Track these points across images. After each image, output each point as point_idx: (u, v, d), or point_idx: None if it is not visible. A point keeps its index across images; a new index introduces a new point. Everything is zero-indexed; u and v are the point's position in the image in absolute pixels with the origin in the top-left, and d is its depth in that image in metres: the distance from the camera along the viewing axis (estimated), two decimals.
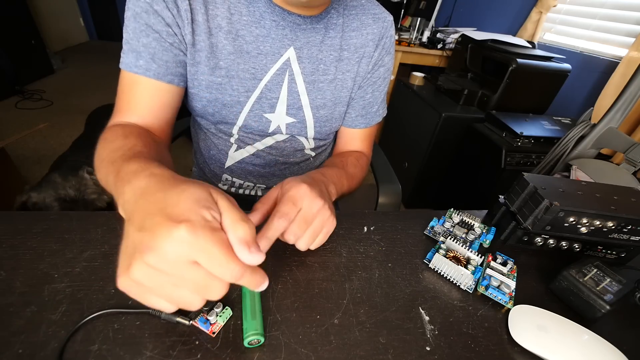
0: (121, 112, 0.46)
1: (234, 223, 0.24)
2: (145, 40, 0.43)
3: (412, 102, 1.72)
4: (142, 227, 0.22)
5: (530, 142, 1.30)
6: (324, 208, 0.36)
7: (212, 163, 0.62)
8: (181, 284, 0.23)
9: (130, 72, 0.44)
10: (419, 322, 0.33)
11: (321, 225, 0.36)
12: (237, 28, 0.47)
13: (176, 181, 0.26)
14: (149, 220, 0.23)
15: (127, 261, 0.22)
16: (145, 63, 0.44)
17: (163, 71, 0.45)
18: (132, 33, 0.43)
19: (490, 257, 0.41)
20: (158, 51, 0.44)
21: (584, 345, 0.32)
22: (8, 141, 1.36)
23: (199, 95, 0.50)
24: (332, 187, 0.44)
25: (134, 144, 0.37)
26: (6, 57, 2.40)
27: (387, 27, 0.56)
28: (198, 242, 0.22)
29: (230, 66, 0.48)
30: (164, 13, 0.42)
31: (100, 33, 4.17)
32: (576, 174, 0.87)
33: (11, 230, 0.37)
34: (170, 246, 0.21)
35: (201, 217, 0.23)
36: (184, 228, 0.21)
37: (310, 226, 0.35)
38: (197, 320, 0.29)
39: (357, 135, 0.62)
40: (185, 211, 0.23)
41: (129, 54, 0.44)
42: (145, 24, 0.42)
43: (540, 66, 1.43)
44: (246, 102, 0.51)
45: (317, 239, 0.37)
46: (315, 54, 0.52)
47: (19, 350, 0.26)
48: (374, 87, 0.59)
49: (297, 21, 0.49)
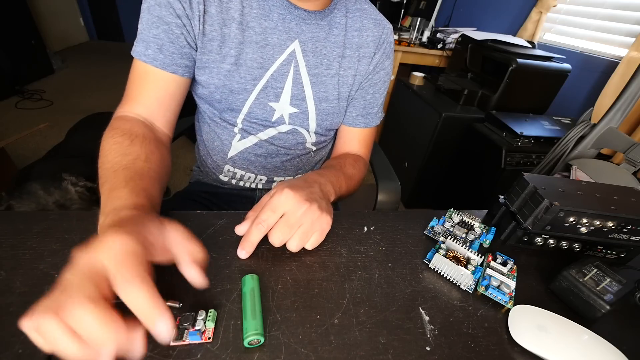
0: (130, 100, 0.48)
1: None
2: (155, 31, 0.46)
3: (412, 102, 1.72)
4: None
5: (530, 142, 1.30)
6: (310, 210, 0.38)
7: (215, 154, 0.63)
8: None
9: (140, 61, 0.47)
10: (419, 322, 0.33)
11: (311, 225, 0.38)
12: (247, 20, 0.50)
13: (126, 228, 0.26)
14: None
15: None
16: (152, 53, 0.46)
17: (169, 62, 0.47)
18: (145, 24, 0.46)
19: (490, 257, 0.41)
20: (166, 43, 0.47)
21: (584, 345, 0.32)
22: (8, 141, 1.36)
23: (208, 82, 0.52)
24: (329, 186, 0.46)
25: (137, 157, 0.40)
26: (6, 57, 2.41)
27: (388, 33, 0.60)
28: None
29: (239, 55, 0.51)
30: (175, 5, 0.45)
31: (100, 33, 4.17)
32: (576, 174, 0.87)
33: (11, 230, 0.37)
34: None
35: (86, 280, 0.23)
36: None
37: (299, 228, 0.37)
38: (187, 337, 0.28)
39: (356, 136, 0.64)
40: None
41: (140, 43, 0.47)
42: (157, 16, 0.46)
43: (540, 66, 1.43)
44: (252, 89, 0.53)
45: (312, 238, 0.38)
46: (319, 48, 0.54)
47: (19, 350, 0.26)
48: (375, 88, 0.61)
49: (302, 16, 0.51)
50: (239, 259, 0.37)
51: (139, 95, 0.48)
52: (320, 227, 0.39)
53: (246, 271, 0.35)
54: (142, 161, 0.39)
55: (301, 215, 0.37)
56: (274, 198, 0.38)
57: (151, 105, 0.49)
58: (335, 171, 0.52)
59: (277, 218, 0.37)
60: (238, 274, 0.35)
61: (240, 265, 0.36)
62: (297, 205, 0.37)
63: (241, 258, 0.37)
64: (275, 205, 0.37)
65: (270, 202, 0.37)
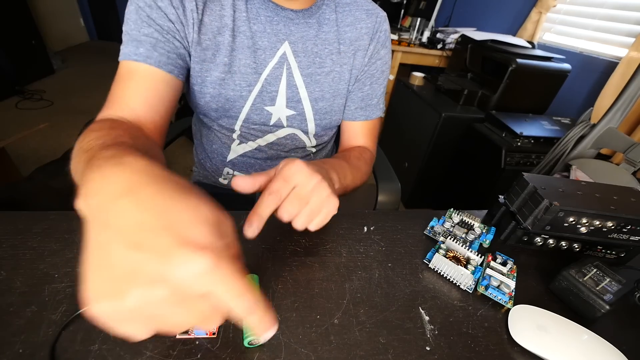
0: (113, 104, 0.43)
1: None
2: (147, 30, 0.43)
3: (412, 102, 1.72)
4: (140, 245, 0.17)
5: (530, 142, 1.30)
6: (321, 185, 0.34)
7: (214, 157, 0.63)
8: (184, 315, 0.19)
9: (129, 61, 0.43)
10: (419, 322, 0.33)
11: (319, 204, 0.34)
12: (238, 25, 0.49)
13: (180, 187, 0.21)
14: (151, 237, 0.17)
15: (116, 285, 0.17)
16: (145, 51, 0.43)
17: (165, 60, 0.44)
18: (134, 24, 0.43)
19: (490, 257, 0.41)
20: (159, 41, 0.44)
21: (584, 345, 0.32)
22: (8, 141, 1.36)
23: (203, 92, 0.51)
24: (333, 173, 0.42)
25: (119, 134, 0.33)
26: (6, 57, 2.40)
27: (381, 21, 0.58)
28: (220, 275, 0.18)
29: (232, 62, 0.50)
30: (168, 10, 0.43)
31: (100, 33, 4.17)
32: (576, 174, 0.87)
33: (11, 230, 0.37)
34: (189, 279, 0.17)
35: (223, 244, 0.19)
36: (208, 258, 0.17)
37: (308, 205, 0.33)
38: (192, 332, 0.29)
39: (359, 129, 0.63)
40: (206, 235, 0.19)
41: (128, 44, 0.43)
42: (148, 16, 0.43)
43: (540, 66, 1.43)
44: (248, 96, 0.53)
45: (316, 219, 0.34)
46: (310, 47, 0.53)
47: (19, 350, 0.26)
48: (372, 79, 0.60)
49: (289, 16, 0.51)
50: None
51: (124, 97, 0.43)
52: (327, 209, 0.35)
53: (246, 271, 0.35)
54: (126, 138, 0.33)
55: (312, 188, 0.34)
56: (285, 168, 0.34)
57: (137, 106, 0.43)
58: (340, 161, 0.49)
59: (289, 189, 0.33)
60: None
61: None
62: (309, 178, 0.34)
63: (248, 237, 0.30)
64: (287, 175, 0.33)
65: (282, 172, 0.33)
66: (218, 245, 0.19)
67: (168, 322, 0.19)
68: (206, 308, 0.19)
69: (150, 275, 0.17)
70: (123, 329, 0.18)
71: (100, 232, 0.18)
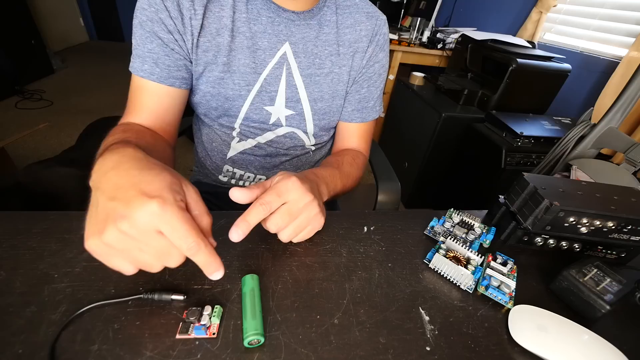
0: (129, 113, 0.50)
1: (201, 214, 0.29)
2: (150, 46, 0.47)
3: (412, 102, 1.72)
4: (114, 197, 0.26)
5: (530, 142, 1.30)
6: (312, 204, 0.37)
7: (214, 155, 0.63)
8: (145, 250, 0.26)
9: (137, 76, 0.48)
10: (419, 322, 0.33)
11: (307, 221, 0.37)
12: (237, 25, 0.49)
13: (150, 164, 0.29)
14: (122, 192, 0.26)
15: (99, 225, 0.26)
16: (149, 67, 0.47)
17: (165, 75, 0.48)
18: (139, 39, 0.47)
19: (490, 257, 0.41)
20: (161, 56, 0.47)
21: (584, 345, 0.32)
22: (8, 141, 1.36)
23: (203, 91, 0.52)
24: (323, 187, 0.45)
25: (129, 136, 0.40)
26: (6, 57, 2.40)
27: (381, 25, 0.58)
28: (165, 216, 0.25)
29: (232, 61, 0.50)
30: (167, 21, 0.46)
31: (100, 33, 4.17)
32: (576, 174, 0.87)
33: (11, 230, 0.37)
34: (142, 216, 0.25)
35: (171, 197, 0.26)
36: (155, 202, 0.25)
37: (296, 220, 0.36)
38: (192, 331, 0.28)
39: (354, 131, 0.63)
40: (158, 190, 0.26)
41: (136, 59, 0.48)
42: (150, 31, 0.46)
43: (540, 66, 1.43)
44: (247, 95, 0.53)
45: (301, 234, 0.38)
46: (310, 48, 0.54)
47: (19, 350, 0.26)
48: (370, 82, 0.60)
49: (291, 17, 0.51)
50: (239, 259, 0.37)
51: (139, 109, 0.49)
52: (313, 226, 0.39)
53: (246, 271, 0.35)
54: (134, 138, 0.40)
55: (303, 206, 0.36)
56: (281, 183, 0.36)
57: (149, 117, 0.49)
58: (332, 170, 0.51)
59: (279, 204, 0.35)
60: (238, 274, 0.35)
61: (240, 265, 0.36)
62: (302, 196, 0.36)
63: (233, 241, 0.32)
64: (281, 190, 0.35)
65: (277, 187, 0.35)
66: (167, 196, 0.26)
67: (138, 257, 0.27)
68: (161, 245, 0.26)
69: (119, 215, 0.25)
70: (111, 262, 0.27)
71: (95, 194, 0.28)
